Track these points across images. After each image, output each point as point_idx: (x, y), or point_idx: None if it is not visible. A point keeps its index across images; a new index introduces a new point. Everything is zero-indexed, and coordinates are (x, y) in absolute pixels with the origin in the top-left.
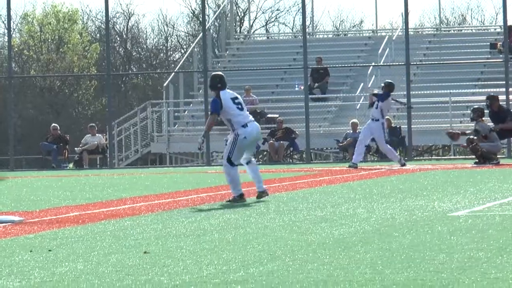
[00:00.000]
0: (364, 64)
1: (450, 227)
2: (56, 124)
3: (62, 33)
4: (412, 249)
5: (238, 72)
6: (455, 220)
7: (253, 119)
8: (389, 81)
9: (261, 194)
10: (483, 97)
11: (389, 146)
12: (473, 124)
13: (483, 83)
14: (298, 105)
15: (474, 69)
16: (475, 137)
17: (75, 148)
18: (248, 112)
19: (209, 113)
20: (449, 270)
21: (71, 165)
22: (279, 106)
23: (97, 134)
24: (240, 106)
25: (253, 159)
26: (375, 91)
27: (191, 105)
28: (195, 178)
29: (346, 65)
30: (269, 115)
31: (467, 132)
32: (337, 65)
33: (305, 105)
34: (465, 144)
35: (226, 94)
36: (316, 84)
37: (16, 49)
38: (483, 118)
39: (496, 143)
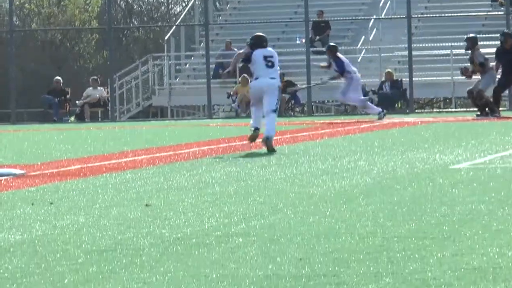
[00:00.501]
0: (365, 17)
1: (451, 179)
2: (59, 77)
3: None
4: (414, 202)
5: (239, 25)
6: (457, 172)
7: (274, 77)
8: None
9: (264, 140)
10: (484, 50)
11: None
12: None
13: (484, 35)
14: (300, 58)
15: (475, 21)
16: (469, 69)
17: (77, 101)
18: (278, 71)
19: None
20: (450, 223)
21: (72, 118)
22: (280, 59)
23: (98, 87)
24: (270, 64)
25: (271, 113)
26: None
27: (192, 58)
28: (197, 131)
29: (347, 18)
30: None
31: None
32: (338, 18)
33: (306, 58)
34: (469, 74)
35: (259, 52)
36: (317, 37)
37: (17, 2)
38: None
39: (491, 73)
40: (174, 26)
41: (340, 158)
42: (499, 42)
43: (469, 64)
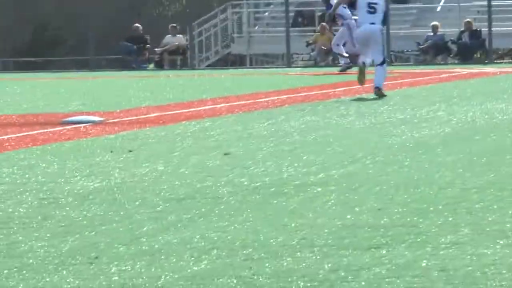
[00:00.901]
0: None
1: None
2: (138, 24)
3: None
4: (493, 153)
5: None
6: None
7: (374, 22)
8: None
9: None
10: None
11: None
12: None
13: None
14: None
15: None
16: None
17: (156, 49)
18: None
19: None
20: None
21: (151, 66)
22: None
23: (177, 35)
24: (372, 10)
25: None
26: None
27: (271, 6)
28: (275, 79)
29: None
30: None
31: None
32: None
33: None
34: None
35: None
36: None
37: None
38: None
39: None
40: None
41: (419, 108)
42: None
43: None
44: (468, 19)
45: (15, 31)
